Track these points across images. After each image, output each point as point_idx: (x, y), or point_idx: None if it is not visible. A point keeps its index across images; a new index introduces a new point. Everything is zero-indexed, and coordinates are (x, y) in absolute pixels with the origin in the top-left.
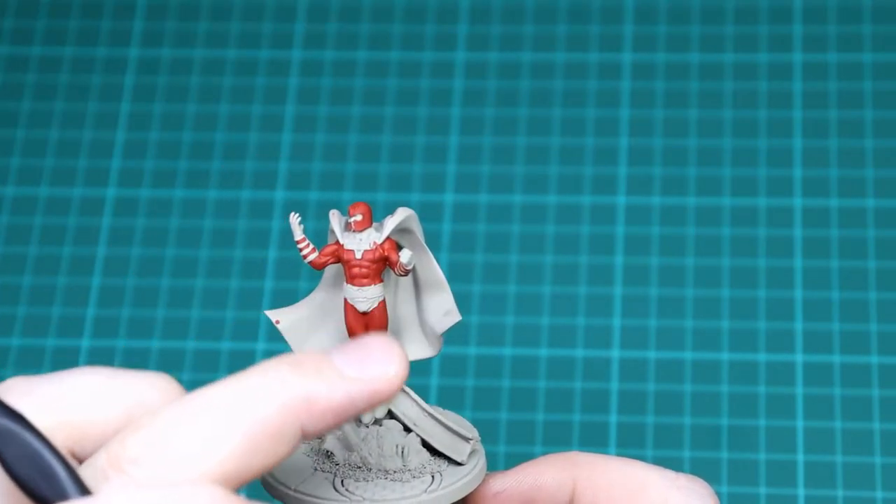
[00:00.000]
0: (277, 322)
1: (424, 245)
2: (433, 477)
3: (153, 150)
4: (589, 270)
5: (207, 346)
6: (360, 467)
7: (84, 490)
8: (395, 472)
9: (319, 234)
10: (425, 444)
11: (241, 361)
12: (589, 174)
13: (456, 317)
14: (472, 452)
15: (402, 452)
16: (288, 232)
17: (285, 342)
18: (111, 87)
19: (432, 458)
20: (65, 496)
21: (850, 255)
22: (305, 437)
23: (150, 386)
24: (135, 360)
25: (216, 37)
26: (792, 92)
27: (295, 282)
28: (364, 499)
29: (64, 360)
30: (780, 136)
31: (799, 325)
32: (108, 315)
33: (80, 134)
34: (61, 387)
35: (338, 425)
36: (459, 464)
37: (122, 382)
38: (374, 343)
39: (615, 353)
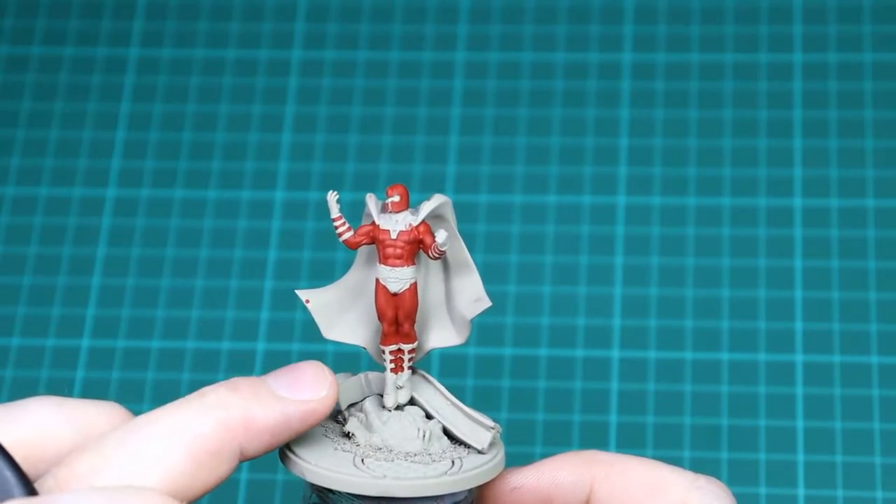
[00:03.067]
0: (307, 301)
1: (457, 232)
2: (454, 462)
3: (153, 150)
4: (589, 270)
5: (207, 346)
6: (380, 449)
7: (31, 490)
8: (416, 454)
9: (321, 235)
10: (446, 433)
11: (241, 361)
12: (589, 174)
13: (486, 303)
14: (492, 443)
15: (425, 436)
16: (288, 232)
17: (285, 343)
18: (111, 87)
19: (453, 446)
20: (10, 495)
21: (850, 255)
22: (244, 457)
23: (98, 412)
24: (135, 360)
25: (216, 37)
26: (792, 92)
27: (295, 282)
28: (385, 475)
29: (64, 360)
30: (780, 136)
31: (799, 325)
32: (108, 315)
33: (80, 134)
34: (15, 412)
35: (273, 447)
36: (480, 453)
37: (71, 408)
38: (305, 367)
39: (615, 353)
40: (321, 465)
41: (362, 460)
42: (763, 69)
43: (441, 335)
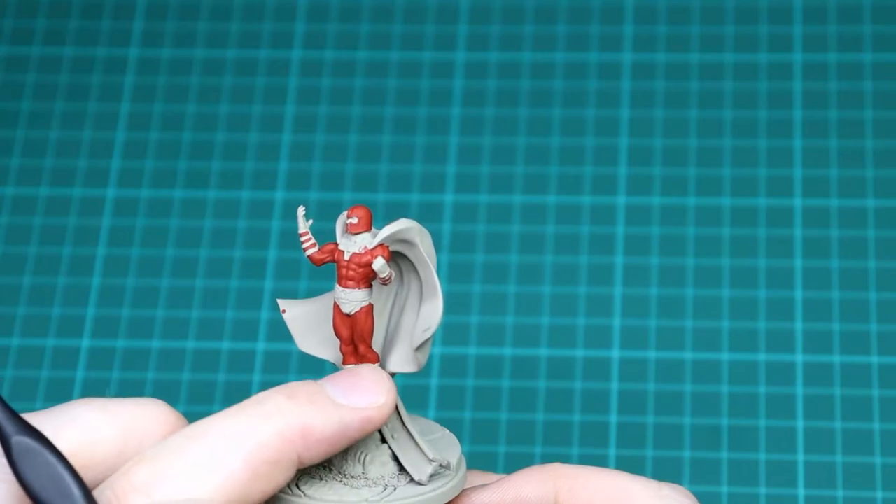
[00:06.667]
0: (283, 311)
1: (427, 259)
2: (385, 488)
3: (153, 150)
4: (589, 270)
5: (207, 346)
6: (325, 467)
7: None
8: (352, 477)
9: (321, 235)
10: (396, 459)
11: (241, 361)
12: (589, 174)
13: (429, 333)
14: (438, 476)
15: (364, 460)
16: (288, 232)
17: (285, 343)
18: (111, 87)
19: (398, 473)
20: None
21: (850, 255)
22: (301, 464)
23: (143, 412)
24: (135, 360)
25: (216, 37)
26: (792, 92)
27: (295, 282)
28: (304, 495)
29: (64, 360)
30: (780, 136)
31: (799, 325)
32: (108, 315)
33: (80, 134)
34: (60, 419)
35: (330, 455)
36: (419, 484)
37: (115, 410)
38: (364, 372)
39: (615, 353)
40: None
41: (299, 478)
42: (763, 69)
43: (401, 359)
